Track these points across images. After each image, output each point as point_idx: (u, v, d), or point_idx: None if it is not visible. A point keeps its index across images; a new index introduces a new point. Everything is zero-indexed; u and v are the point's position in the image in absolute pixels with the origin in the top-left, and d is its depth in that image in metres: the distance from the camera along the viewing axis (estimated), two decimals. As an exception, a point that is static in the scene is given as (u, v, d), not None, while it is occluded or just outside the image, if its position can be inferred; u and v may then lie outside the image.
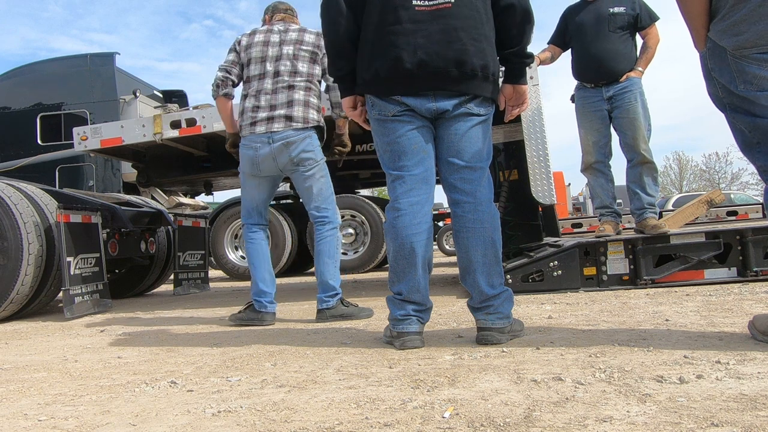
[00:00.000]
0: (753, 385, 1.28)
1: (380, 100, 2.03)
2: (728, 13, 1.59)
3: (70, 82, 7.30)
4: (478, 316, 2.02)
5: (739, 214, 7.29)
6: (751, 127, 1.63)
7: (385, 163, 2.11)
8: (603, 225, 3.77)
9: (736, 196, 16.28)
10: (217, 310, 3.73)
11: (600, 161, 3.78)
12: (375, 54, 1.99)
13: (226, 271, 7.87)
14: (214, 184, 6.93)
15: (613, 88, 3.65)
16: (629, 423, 1.09)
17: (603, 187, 3.82)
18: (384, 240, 7.48)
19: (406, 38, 1.95)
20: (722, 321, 2.10)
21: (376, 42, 1.99)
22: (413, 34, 1.95)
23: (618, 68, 3.63)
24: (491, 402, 1.29)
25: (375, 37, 1.99)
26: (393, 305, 2.06)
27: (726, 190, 26.15)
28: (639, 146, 3.60)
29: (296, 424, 1.23)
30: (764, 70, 1.55)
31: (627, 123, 3.62)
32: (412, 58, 1.94)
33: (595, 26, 3.66)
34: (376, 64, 1.98)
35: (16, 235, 3.61)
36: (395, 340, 2.01)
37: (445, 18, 1.95)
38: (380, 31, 1.98)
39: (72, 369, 2.01)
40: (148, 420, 1.33)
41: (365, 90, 2.07)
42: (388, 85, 2.00)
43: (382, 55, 1.97)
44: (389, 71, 1.97)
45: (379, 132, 2.08)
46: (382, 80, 1.99)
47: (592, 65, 3.69)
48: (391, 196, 2.09)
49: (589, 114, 3.75)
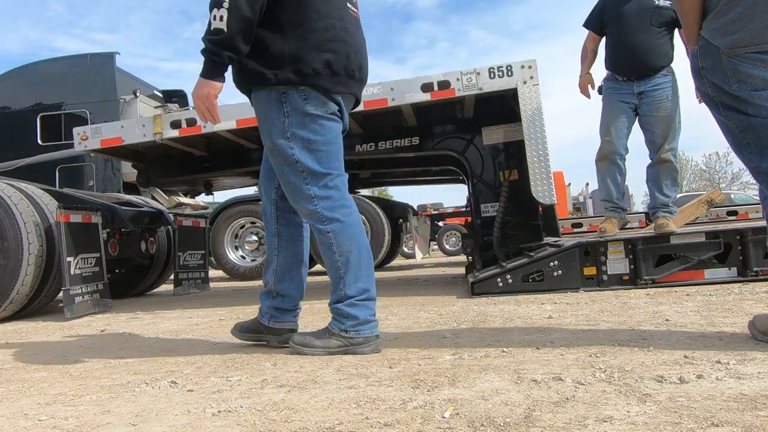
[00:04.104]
0: (753, 385, 1.28)
1: (322, 95, 1.94)
2: (721, 11, 1.58)
3: (71, 82, 7.29)
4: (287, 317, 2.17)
5: (739, 214, 7.29)
6: (743, 127, 1.62)
7: (316, 160, 1.96)
8: (604, 223, 3.71)
9: (736, 196, 16.28)
10: (217, 310, 3.72)
11: (618, 153, 3.69)
12: (325, 46, 1.91)
13: (226, 271, 7.87)
14: (214, 184, 6.92)
15: (645, 83, 3.55)
16: (629, 423, 1.09)
17: (614, 180, 3.73)
18: (382, 239, 7.51)
19: (352, 38, 2.00)
20: (722, 321, 2.10)
21: (325, 33, 1.91)
22: (354, 35, 2.02)
23: (653, 64, 3.53)
24: (491, 402, 1.29)
25: (324, 27, 1.91)
26: (357, 309, 1.94)
27: (726, 190, 26.13)
28: (663, 144, 3.51)
29: (296, 424, 1.23)
30: (758, 70, 1.54)
31: (655, 121, 3.52)
32: (357, 59, 2.01)
33: (638, 17, 3.56)
34: (327, 56, 1.91)
35: (16, 235, 3.61)
36: (361, 347, 1.93)
37: (361, 28, 2.10)
38: (330, 23, 1.93)
39: (72, 369, 2.01)
40: (148, 420, 1.33)
41: (309, 81, 1.90)
42: (337, 80, 1.96)
43: (334, 49, 1.93)
44: (342, 67, 1.95)
45: (313, 129, 1.94)
46: (334, 74, 1.94)
47: (628, 57, 3.58)
48: (335, 195, 2.00)
49: (618, 104, 3.64)
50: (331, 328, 1.98)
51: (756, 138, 1.60)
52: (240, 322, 2.28)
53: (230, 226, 7.83)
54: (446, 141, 4.46)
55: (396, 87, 3.80)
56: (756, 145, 1.61)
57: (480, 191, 4.25)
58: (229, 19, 1.77)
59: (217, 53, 1.82)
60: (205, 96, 1.88)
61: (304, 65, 1.89)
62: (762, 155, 1.60)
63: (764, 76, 1.54)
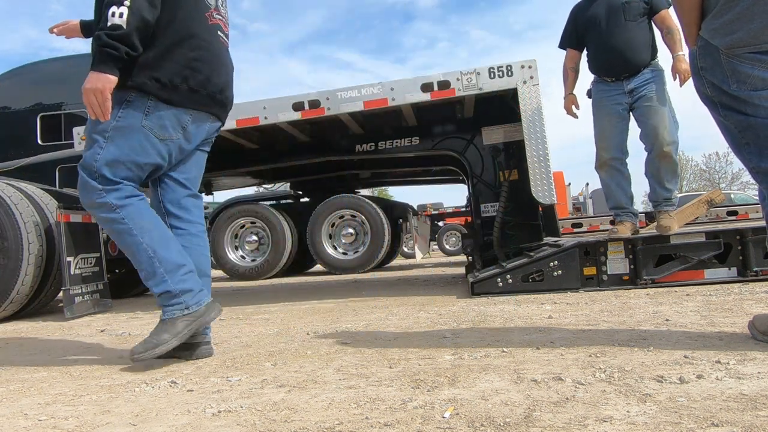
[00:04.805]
0: (753, 385, 1.28)
1: (173, 108, 1.97)
2: (720, 11, 1.58)
3: (71, 81, 7.27)
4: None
5: (739, 214, 7.30)
6: (742, 127, 1.62)
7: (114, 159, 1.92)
8: (618, 226, 3.59)
9: (736, 196, 16.28)
10: (217, 310, 3.72)
11: (617, 158, 3.60)
12: (189, 63, 1.97)
13: (226, 271, 7.87)
14: (214, 184, 6.93)
15: (635, 80, 3.49)
16: (629, 423, 1.09)
17: (620, 185, 3.64)
18: (382, 239, 7.51)
19: (217, 61, 2.08)
20: (722, 321, 2.10)
21: (190, 51, 1.97)
22: (220, 59, 2.10)
23: (640, 59, 3.48)
24: (491, 402, 1.29)
25: (190, 46, 1.98)
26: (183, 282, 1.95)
27: (726, 190, 26.15)
28: (660, 138, 3.42)
29: (296, 424, 1.23)
30: (757, 70, 1.54)
31: (648, 112, 3.45)
32: (219, 81, 2.09)
33: (610, 17, 3.52)
34: (187, 73, 1.96)
35: (16, 235, 3.61)
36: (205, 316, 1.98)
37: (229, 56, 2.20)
38: (197, 43, 1.99)
39: (72, 369, 2.01)
40: (148, 420, 1.33)
41: (163, 93, 1.93)
42: (194, 98, 2.00)
43: (196, 68, 1.98)
44: (201, 86, 2.01)
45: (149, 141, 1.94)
46: (192, 91, 1.99)
47: (612, 58, 3.53)
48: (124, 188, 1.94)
49: (608, 107, 3.58)
50: (169, 315, 1.94)
51: (755, 138, 1.60)
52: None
53: (230, 226, 7.83)
54: (446, 141, 4.47)
55: (396, 87, 3.80)
56: (755, 145, 1.61)
57: (480, 191, 4.25)
58: (129, 16, 1.80)
59: (114, 47, 1.79)
60: (99, 89, 1.80)
61: (162, 75, 1.93)
62: (761, 155, 1.60)
63: (763, 76, 1.54)
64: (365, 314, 3.03)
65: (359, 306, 3.46)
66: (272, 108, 3.97)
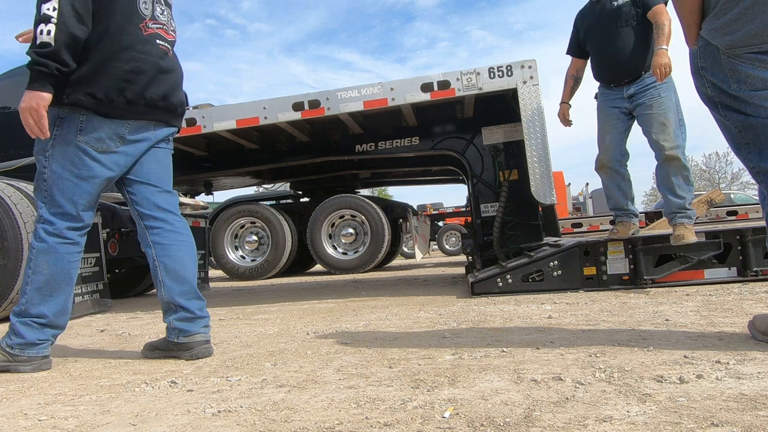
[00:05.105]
0: (753, 385, 1.28)
1: (110, 120, 1.98)
2: (721, 11, 1.58)
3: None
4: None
5: (739, 214, 7.30)
6: (742, 127, 1.63)
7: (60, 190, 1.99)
8: (618, 226, 3.59)
9: (736, 196, 16.29)
10: (216, 310, 3.72)
11: (616, 160, 3.60)
12: (123, 76, 1.97)
13: (226, 271, 7.88)
14: (214, 184, 6.93)
15: (635, 86, 3.48)
16: (629, 423, 1.09)
17: (619, 187, 3.63)
18: (382, 239, 7.51)
19: (154, 70, 2.07)
20: (722, 321, 2.10)
21: (125, 64, 1.97)
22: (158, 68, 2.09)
23: (636, 64, 3.46)
24: (491, 402, 1.29)
25: (125, 58, 1.98)
26: (28, 329, 1.98)
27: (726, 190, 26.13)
28: (663, 143, 3.38)
29: (296, 424, 1.23)
30: (757, 70, 1.55)
31: (649, 118, 3.43)
32: (160, 89, 2.09)
33: (605, 24, 3.52)
34: (123, 85, 1.97)
35: (16, 234, 3.61)
36: (24, 365, 1.96)
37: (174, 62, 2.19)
38: (132, 55, 2.00)
39: (72, 369, 2.01)
40: (148, 420, 1.33)
41: (99, 108, 1.95)
42: (132, 109, 2.01)
43: (131, 79, 1.98)
44: (139, 96, 2.02)
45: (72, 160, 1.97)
46: (129, 103, 1.99)
47: (611, 65, 3.53)
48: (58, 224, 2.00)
49: (608, 110, 3.59)
50: (0, 343, 2.00)
51: (755, 138, 1.60)
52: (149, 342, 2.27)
53: (230, 226, 7.84)
54: (446, 141, 4.47)
55: (396, 87, 3.80)
56: (755, 145, 1.61)
57: (480, 191, 4.25)
58: (56, 33, 1.82)
59: (44, 65, 1.83)
60: (34, 108, 1.86)
61: (97, 91, 1.94)
62: (761, 155, 1.61)
63: (763, 76, 1.54)
64: (365, 314, 3.03)
65: (359, 306, 3.47)
66: (272, 108, 3.97)
